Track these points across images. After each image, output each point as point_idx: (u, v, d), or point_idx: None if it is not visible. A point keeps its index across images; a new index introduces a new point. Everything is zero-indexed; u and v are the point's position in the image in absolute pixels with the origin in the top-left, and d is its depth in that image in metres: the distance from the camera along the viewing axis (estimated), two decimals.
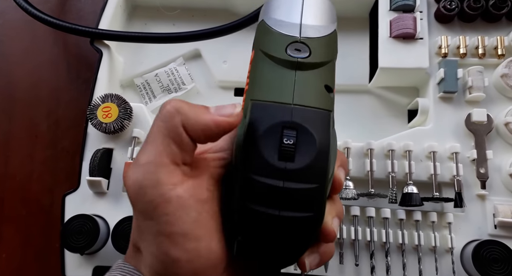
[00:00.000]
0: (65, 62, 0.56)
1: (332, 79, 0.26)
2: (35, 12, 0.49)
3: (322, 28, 0.27)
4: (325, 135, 0.23)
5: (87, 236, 0.40)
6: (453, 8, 0.47)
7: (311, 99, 0.24)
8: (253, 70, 0.26)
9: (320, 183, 0.23)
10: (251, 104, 0.24)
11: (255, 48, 0.27)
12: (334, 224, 0.24)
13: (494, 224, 0.41)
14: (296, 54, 0.25)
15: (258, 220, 0.23)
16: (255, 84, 0.25)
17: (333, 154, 0.24)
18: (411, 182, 0.42)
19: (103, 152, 0.45)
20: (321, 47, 0.26)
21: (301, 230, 0.23)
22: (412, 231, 0.42)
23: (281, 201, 0.22)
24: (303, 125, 0.23)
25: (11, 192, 0.51)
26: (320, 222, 0.23)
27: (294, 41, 0.25)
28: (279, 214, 0.22)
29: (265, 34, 0.27)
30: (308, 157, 0.22)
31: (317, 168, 0.23)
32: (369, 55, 0.52)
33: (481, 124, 0.44)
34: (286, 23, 0.26)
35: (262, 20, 0.28)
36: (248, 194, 0.23)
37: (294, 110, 0.23)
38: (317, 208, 0.23)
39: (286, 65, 0.25)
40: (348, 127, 0.50)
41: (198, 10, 0.56)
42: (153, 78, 0.53)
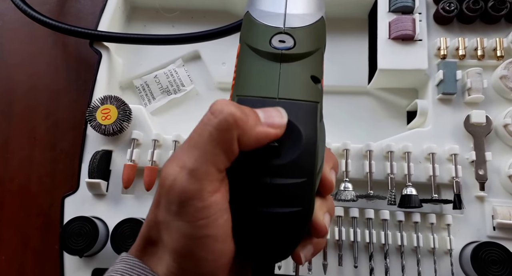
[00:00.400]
0: (64, 64, 0.56)
1: (319, 69, 0.25)
2: (34, 14, 0.49)
3: (308, 17, 0.26)
4: (311, 128, 0.23)
5: (86, 238, 0.40)
6: (452, 10, 0.47)
7: (297, 91, 0.24)
8: (239, 64, 0.26)
9: (307, 177, 0.22)
10: (236, 100, 0.24)
11: (241, 42, 0.26)
12: (326, 220, 0.25)
13: (493, 226, 0.41)
14: (281, 46, 0.24)
15: (247, 217, 0.23)
16: (240, 79, 0.25)
17: (321, 147, 0.24)
18: (410, 184, 0.42)
19: (102, 154, 0.45)
20: (307, 37, 0.25)
21: (291, 225, 0.23)
22: (411, 233, 0.42)
23: (269, 197, 0.22)
24: (288, 119, 0.23)
25: (10, 194, 0.51)
26: (309, 216, 0.23)
27: (278, 32, 0.25)
28: (268, 211, 0.22)
29: (249, 26, 0.26)
30: (294, 151, 0.22)
31: (304, 163, 0.22)
32: (368, 56, 0.52)
33: (480, 125, 0.44)
34: (271, 14, 0.26)
35: (247, 12, 0.27)
36: (236, 192, 0.23)
37: (279, 103, 0.23)
38: (306, 202, 0.23)
39: (270, 57, 0.24)
40: (347, 128, 0.50)
41: (197, 12, 0.56)
42: (152, 79, 0.53)
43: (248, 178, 0.22)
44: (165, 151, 0.46)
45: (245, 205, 0.23)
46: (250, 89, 0.24)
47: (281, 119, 0.23)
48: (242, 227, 0.23)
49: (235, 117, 0.21)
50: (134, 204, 0.44)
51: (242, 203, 0.23)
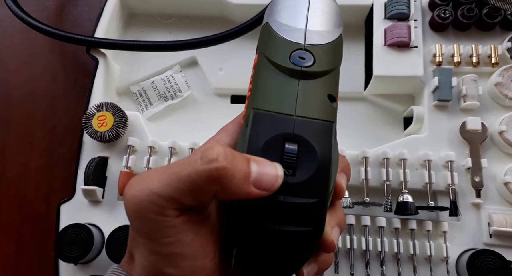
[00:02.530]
0: (62, 70, 0.56)
1: (335, 88, 0.25)
2: (31, 20, 0.49)
3: (328, 34, 0.26)
4: (327, 147, 0.23)
5: (81, 245, 0.40)
6: (447, 17, 0.47)
7: (314, 110, 0.23)
8: (256, 76, 0.25)
9: (320, 198, 0.22)
10: (252, 113, 0.23)
11: (259, 53, 0.26)
12: (334, 234, 0.24)
13: (489, 233, 0.41)
14: (300, 63, 0.24)
15: (257, 233, 0.22)
16: (257, 92, 0.24)
17: (335, 167, 0.24)
18: (406, 191, 0.42)
19: (98, 160, 0.45)
20: (325, 55, 0.25)
21: (300, 244, 0.23)
22: (408, 240, 0.42)
23: (280, 216, 0.22)
24: (305, 138, 0.22)
25: (7, 200, 0.51)
26: (319, 236, 0.23)
27: (298, 49, 0.25)
28: (278, 229, 0.22)
29: (269, 38, 0.26)
30: (309, 171, 0.22)
31: (318, 183, 0.22)
32: (365, 62, 0.52)
33: (475, 132, 0.44)
34: (291, 28, 0.26)
35: (267, 23, 0.27)
36: (248, 208, 0.22)
37: (296, 121, 0.23)
38: (317, 222, 0.23)
39: (289, 73, 0.24)
40: (343, 134, 0.49)
41: (195, 18, 0.56)
42: (150, 85, 0.53)
43: None
44: (161, 158, 0.46)
45: (254, 222, 0.22)
46: (267, 104, 0.23)
47: (274, 181, 0.21)
48: (249, 244, 0.23)
49: (220, 174, 0.20)
50: None
51: (251, 220, 0.22)
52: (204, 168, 0.20)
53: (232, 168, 0.20)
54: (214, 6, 0.54)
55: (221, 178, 0.20)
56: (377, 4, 0.49)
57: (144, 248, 0.22)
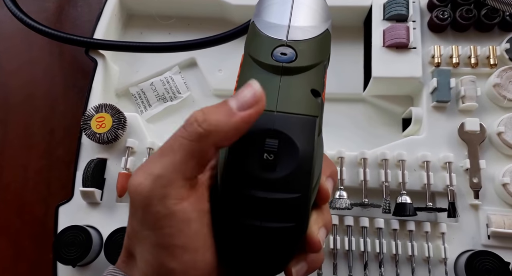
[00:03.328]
0: (61, 71, 0.56)
1: (320, 83, 0.25)
2: (30, 21, 0.49)
3: (312, 29, 0.26)
4: (309, 142, 0.23)
5: (79, 247, 0.40)
6: (446, 18, 0.47)
7: (296, 105, 0.23)
8: (241, 75, 0.26)
9: (302, 193, 0.22)
10: None
11: (244, 52, 0.26)
12: (320, 234, 0.24)
13: (488, 234, 0.41)
14: (282, 59, 0.24)
15: (240, 230, 0.22)
16: None
17: (319, 162, 0.24)
18: (404, 192, 0.42)
19: (96, 162, 0.45)
20: (309, 50, 0.25)
21: (283, 240, 0.23)
22: (406, 241, 0.42)
23: (262, 212, 0.22)
24: (285, 133, 0.22)
25: (5, 203, 0.51)
26: (303, 232, 0.23)
27: (280, 45, 0.25)
28: (261, 225, 0.22)
29: (253, 37, 0.26)
30: (289, 166, 0.22)
31: (300, 178, 0.22)
32: (364, 64, 0.52)
33: (474, 133, 0.44)
34: (275, 25, 0.26)
35: (253, 22, 0.27)
36: (229, 205, 0.22)
37: (277, 117, 0.23)
38: (299, 218, 0.23)
39: (271, 70, 0.24)
40: (342, 135, 0.50)
41: (194, 19, 0.56)
42: (149, 87, 0.53)
43: (240, 190, 0.22)
44: None
45: (236, 218, 0.22)
46: None
47: (254, 94, 0.22)
48: (232, 241, 0.23)
49: (206, 126, 0.21)
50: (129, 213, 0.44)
51: (233, 216, 0.22)
52: (190, 131, 0.21)
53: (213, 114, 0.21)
54: (213, 7, 0.54)
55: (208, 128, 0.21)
56: (376, 5, 0.49)
57: (147, 242, 0.22)
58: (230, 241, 0.23)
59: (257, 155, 0.22)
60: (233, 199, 0.22)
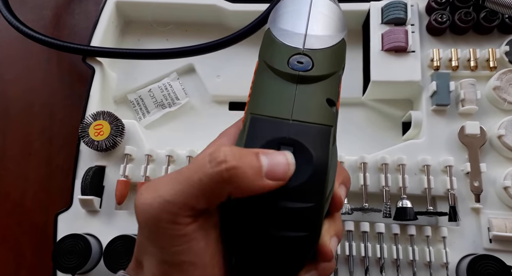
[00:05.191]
0: (59, 79, 0.56)
1: (335, 92, 0.25)
2: (26, 30, 0.49)
3: (329, 38, 0.26)
4: (323, 152, 0.23)
5: (79, 256, 0.40)
6: (445, 21, 0.47)
7: (311, 114, 0.23)
8: (256, 82, 0.25)
9: (316, 203, 0.22)
10: (249, 118, 0.23)
11: (259, 58, 0.26)
12: (332, 244, 0.24)
13: (489, 238, 0.41)
14: (298, 67, 0.24)
15: (252, 238, 0.22)
16: (255, 97, 0.25)
17: (333, 172, 0.24)
18: (405, 196, 0.42)
19: (95, 170, 0.45)
20: (325, 59, 0.25)
21: (295, 249, 0.23)
22: (407, 246, 0.42)
23: (275, 220, 0.22)
24: (300, 142, 0.22)
25: (5, 211, 0.51)
26: (315, 242, 0.23)
27: (296, 53, 0.25)
28: (273, 234, 0.22)
29: (269, 44, 0.26)
30: (304, 175, 0.22)
31: (314, 187, 0.22)
32: (363, 67, 0.52)
33: (474, 137, 0.43)
34: (291, 33, 0.26)
35: (269, 29, 0.27)
36: (243, 213, 0.22)
37: (292, 125, 0.23)
38: (312, 228, 0.22)
39: (287, 78, 0.24)
40: (342, 140, 0.49)
41: (191, 25, 0.56)
42: (147, 93, 0.53)
43: (253, 199, 0.22)
44: (158, 166, 0.46)
45: (249, 227, 0.22)
46: (264, 108, 0.24)
47: (287, 169, 0.22)
48: (244, 249, 0.23)
49: (232, 173, 0.20)
50: (128, 220, 0.44)
51: (246, 225, 0.22)
52: (214, 171, 0.20)
53: (242, 165, 0.21)
54: (211, 13, 0.54)
55: (232, 178, 0.20)
56: (374, 9, 0.49)
57: (154, 257, 0.22)
58: (242, 250, 0.23)
59: None
60: (246, 208, 0.22)
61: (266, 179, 0.21)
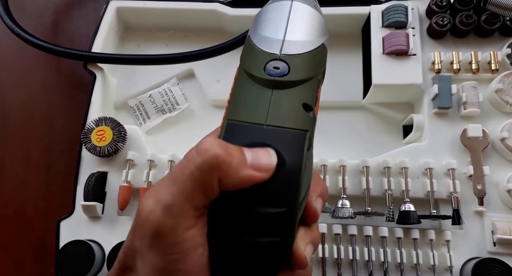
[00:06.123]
0: (58, 85, 0.56)
1: (313, 97, 0.25)
2: (28, 36, 0.49)
3: (307, 43, 0.26)
4: (297, 156, 0.23)
5: (82, 262, 0.40)
6: (445, 24, 0.47)
7: (286, 119, 0.23)
8: (234, 88, 0.26)
9: (289, 207, 0.22)
10: (225, 124, 0.24)
11: (239, 66, 0.26)
12: (307, 251, 0.24)
13: (493, 241, 0.41)
14: (274, 73, 0.24)
15: (225, 244, 0.22)
16: (233, 103, 0.25)
17: (307, 177, 0.23)
18: (408, 200, 0.42)
19: (97, 176, 0.44)
20: (302, 64, 0.25)
21: (269, 255, 0.22)
22: (411, 250, 0.41)
23: (247, 225, 0.22)
24: (273, 147, 0.22)
25: (5, 220, 0.51)
26: (289, 247, 0.23)
27: (273, 59, 0.25)
28: (247, 239, 0.22)
29: (248, 51, 0.26)
30: (277, 180, 0.22)
31: (286, 192, 0.22)
32: (363, 71, 0.51)
33: (476, 139, 0.43)
34: (269, 39, 0.26)
35: (249, 36, 0.27)
36: (215, 217, 0.22)
37: (266, 131, 0.23)
38: (285, 233, 0.22)
39: (263, 83, 0.24)
40: (343, 144, 0.50)
41: (191, 30, 0.56)
42: (147, 99, 0.53)
43: (226, 203, 0.22)
44: (160, 172, 0.45)
45: (222, 232, 0.22)
46: (240, 114, 0.24)
47: (269, 162, 0.22)
48: (218, 255, 0.22)
49: (219, 160, 0.21)
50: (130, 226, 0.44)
51: (219, 230, 0.22)
52: (203, 160, 0.21)
53: (228, 154, 0.21)
54: (211, 18, 0.54)
55: (220, 164, 0.21)
56: (374, 12, 0.49)
57: (149, 263, 0.22)
58: (217, 255, 0.23)
59: None
60: (219, 212, 0.22)
61: (251, 169, 0.22)
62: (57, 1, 0.60)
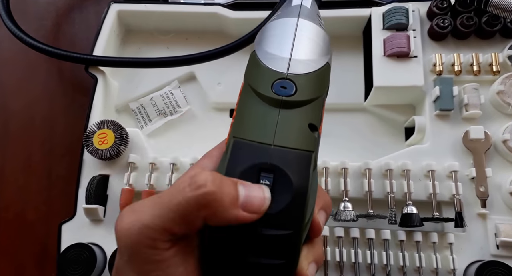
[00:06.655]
0: (60, 89, 0.56)
1: (318, 117, 0.25)
2: (30, 40, 0.49)
3: (312, 62, 0.26)
4: (303, 178, 0.22)
5: (84, 265, 0.40)
6: (446, 26, 0.46)
7: (293, 139, 0.23)
8: (240, 104, 0.25)
9: (294, 230, 0.22)
10: (232, 142, 0.23)
11: (244, 80, 0.26)
12: (310, 270, 0.24)
13: (497, 244, 0.41)
14: (282, 92, 0.24)
15: (229, 266, 0.22)
16: (239, 120, 0.25)
17: (313, 197, 0.23)
18: (410, 202, 0.42)
19: (99, 179, 0.44)
20: (308, 84, 0.25)
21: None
22: (413, 253, 0.41)
23: (253, 247, 0.22)
24: (280, 168, 0.22)
25: (6, 223, 0.50)
26: (292, 270, 0.23)
27: (280, 78, 0.25)
28: (250, 261, 0.22)
29: (254, 67, 0.26)
30: (283, 202, 0.22)
31: (292, 214, 0.22)
32: (364, 73, 0.51)
33: (479, 141, 0.43)
34: (276, 57, 0.26)
35: (254, 51, 0.27)
36: (220, 239, 0.22)
37: (273, 151, 0.23)
38: (290, 255, 0.22)
39: (270, 102, 0.24)
40: (345, 146, 0.50)
41: (192, 33, 0.56)
42: (148, 102, 0.53)
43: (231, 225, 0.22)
44: (162, 174, 0.45)
45: (225, 254, 0.22)
46: (247, 133, 0.23)
47: (262, 204, 0.22)
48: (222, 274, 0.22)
49: (210, 199, 0.20)
50: None
51: (222, 251, 0.22)
52: (193, 195, 0.21)
53: (220, 192, 0.21)
54: (211, 21, 0.54)
55: (210, 203, 0.21)
56: (375, 14, 0.49)
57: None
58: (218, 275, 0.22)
59: None
60: (224, 234, 0.22)
61: (241, 210, 0.21)
62: (59, 5, 0.60)
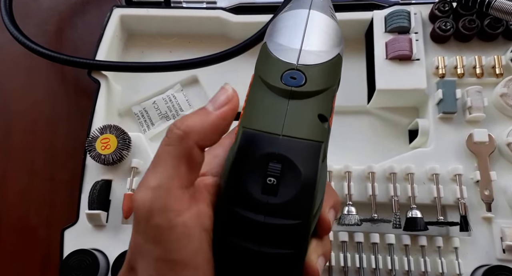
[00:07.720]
0: (63, 94, 0.56)
1: (328, 108, 0.25)
2: (32, 45, 0.49)
3: (323, 53, 0.26)
4: (312, 168, 0.22)
5: (86, 271, 0.40)
6: (449, 29, 0.46)
7: (302, 130, 0.23)
8: (250, 96, 0.25)
9: (303, 220, 0.22)
10: (241, 132, 0.23)
11: (255, 72, 0.26)
12: (319, 263, 0.24)
13: (503, 248, 0.40)
14: (291, 82, 0.24)
15: (236, 253, 0.22)
16: (249, 110, 0.25)
17: (321, 189, 0.23)
18: (414, 206, 0.41)
19: (102, 184, 0.44)
20: (318, 75, 0.25)
21: (281, 267, 0.22)
22: (418, 257, 0.41)
23: (260, 236, 0.22)
24: (289, 158, 0.22)
25: (9, 228, 0.50)
26: (301, 260, 0.23)
27: (290, 69, 0.25)
28: (258, 250, 0.22)
29: (264, 58, 0.26)
30: (291, 191, 0.22)
31: (301, 204, 0.22)
32: (367, 75, 0.51)
33: (483, 144, 0.43)
34: (286, 48, 0.26)
35: (265, 43, 0.27)
36: (227, 226, 0.22)
37: (282, 141, 0.23)
38: (298, 245, 0.22)
39: (280, 93, 0.24)
40: (348, 149, 0.49)
41: (195, 37, 0.56)
42: (151, 105, 0.53)
43: (239, 213, 0.22)
44: None
45: (234, 241, 0.22)
46: (256, 123, 0.24)
47: (226, 93, 0.24)
48: (228, 263, 0.22)
49: (186, 129, 0.22)
50: None
51: (231, 238, 0.22)
52: (172, 137, 0.22)
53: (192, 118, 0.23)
54: (213, 25, 0.54)
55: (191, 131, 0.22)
56: (377, 17, 0.49)
57: (150, 256, 0.22)
58: (226, 263, 0.22)
59: (259, 179, 0.22)
60: (232, 221, 0.22)
61: (215, 111, 0.23)
62: (61, 10, 0.61)
